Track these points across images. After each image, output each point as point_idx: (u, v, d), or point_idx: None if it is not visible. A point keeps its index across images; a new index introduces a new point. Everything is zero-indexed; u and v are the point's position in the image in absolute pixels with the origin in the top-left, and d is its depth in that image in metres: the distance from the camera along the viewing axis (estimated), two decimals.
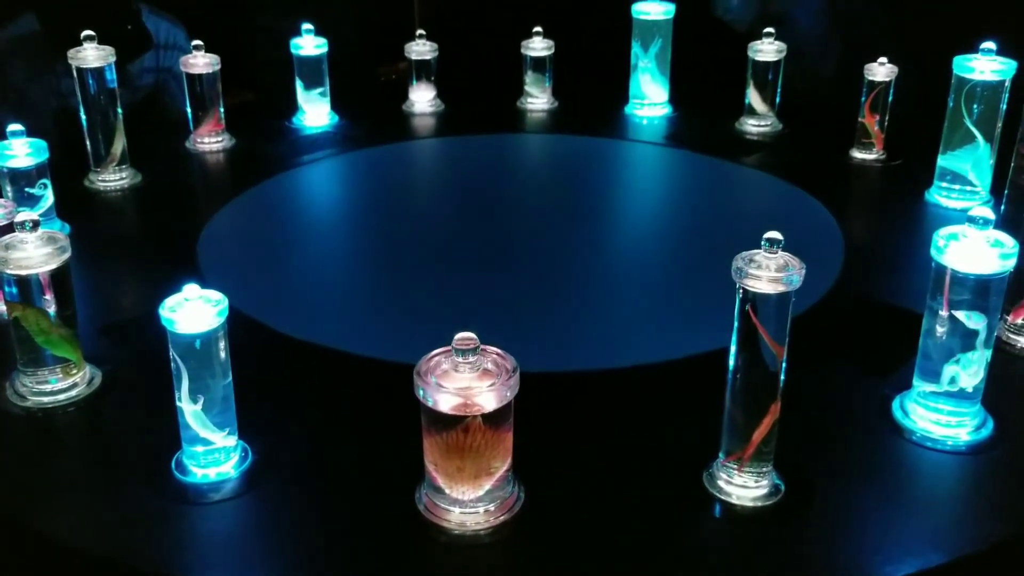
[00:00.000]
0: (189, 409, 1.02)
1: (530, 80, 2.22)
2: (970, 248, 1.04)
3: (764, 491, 1.02)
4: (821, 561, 0.96)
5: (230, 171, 1.96)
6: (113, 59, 1.74)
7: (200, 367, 1.01)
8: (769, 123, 2.06)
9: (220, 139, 2.00)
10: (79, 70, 1.73)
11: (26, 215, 1.13)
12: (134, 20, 2.36)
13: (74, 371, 1.19)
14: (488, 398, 0.92)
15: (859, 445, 1.12)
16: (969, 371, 1.08)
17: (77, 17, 1.98)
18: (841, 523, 1.00)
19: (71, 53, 1.73)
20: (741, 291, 0.96)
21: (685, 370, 1.26)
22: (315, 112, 2.11)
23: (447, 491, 0.97)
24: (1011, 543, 0.98)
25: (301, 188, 1.93)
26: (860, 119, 1.89)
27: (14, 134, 1.48)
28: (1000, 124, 1.63)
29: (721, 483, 1.03)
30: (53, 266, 1.14)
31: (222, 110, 1.99)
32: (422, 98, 2.21)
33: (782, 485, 1.03)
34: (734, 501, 1.02)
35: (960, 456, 1.10)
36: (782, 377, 0.98)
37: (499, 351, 0.96)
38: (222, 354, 1.02)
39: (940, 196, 1.73)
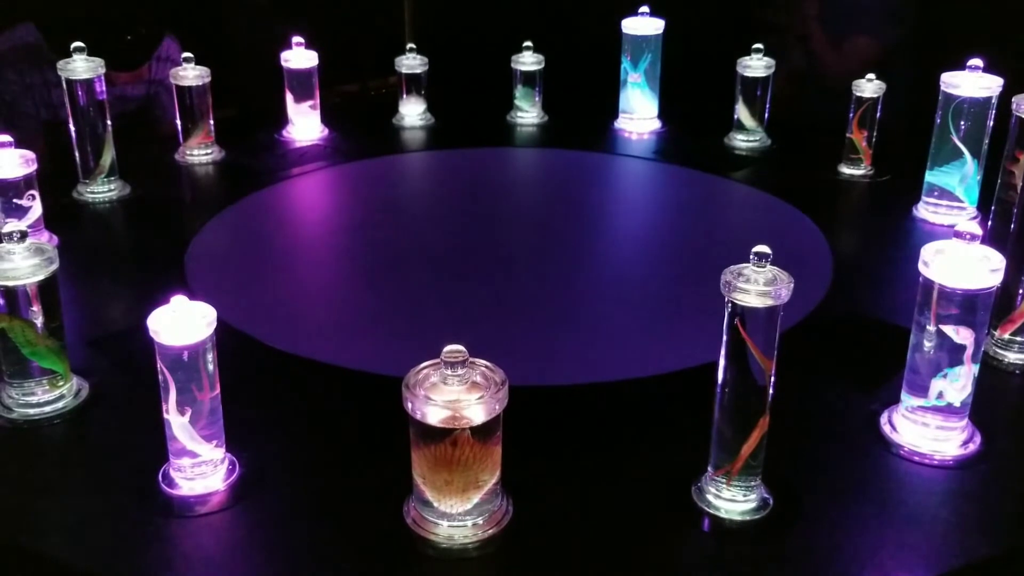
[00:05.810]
0: (176, 421, 1.02)
1: (520, 94, 2.22)
2: (957, 263, 1.05)
3: (753, 505, 1.02)
4: (809, 574, 0.96)
5: (219, 183, 1.96)
6: (103, 71, 1.74)
7: (187, 379, 1.00)
8: (758, 138, 2.07)
9: (209, 151, 2.00)
10: (68, 81, 1.73)
11: (14, 226, 1.13)
12: (135, 31, 2.37)
13: (61, 383, 1.19)
14: (477, 411, 0.92)
15: (847, 459, 1.12)
16: (956, 385, 1.09)
17: (72, 28, 1.97)
18: (829, 537, 1.00)
19: (61, 64, 1.72)
20: (730, 305, 0.96)
21: (674, 384, 1.26)
22: (305, 125, 2.11)
23: (435, 504, 0.97)
24: (999, 557, 0.98)
25: (290, 201, 1.93)
26: (848, 135, 1.90)
27: (2, 145, 1.48)
28: (987, 140, 1.64)
29: (710, 497, 1.03)
30: (40, 277, 1.13)
31: (212, 122, 1.99)
32: (412, 111, 2.22)
33: (771, 499, 1.03)
34: (723, 515, 1.02)
35: (948, 470, 1.10)
36: (770, 391, 0.99)
37: (488, 364, 0.96)
38: (210, 366, 1.02)
39: (927, 211, 1.74)
